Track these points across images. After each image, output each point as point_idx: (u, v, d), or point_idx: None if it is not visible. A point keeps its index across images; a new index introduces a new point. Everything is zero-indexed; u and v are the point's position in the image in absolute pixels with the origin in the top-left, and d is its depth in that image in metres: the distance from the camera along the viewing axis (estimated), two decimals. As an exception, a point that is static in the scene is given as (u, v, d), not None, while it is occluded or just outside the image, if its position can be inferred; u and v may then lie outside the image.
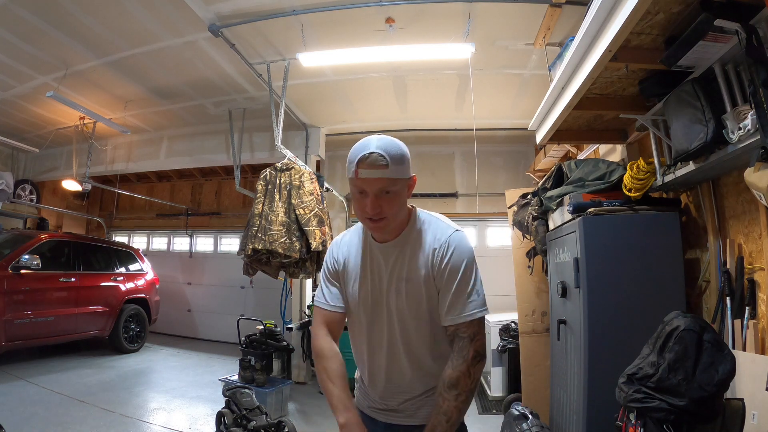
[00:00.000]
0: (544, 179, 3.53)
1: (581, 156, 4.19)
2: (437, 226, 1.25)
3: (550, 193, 3.12)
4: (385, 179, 1.13)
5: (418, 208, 1.30)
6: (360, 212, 1.19)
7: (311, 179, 4.28)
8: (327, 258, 1.37)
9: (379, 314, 1.27)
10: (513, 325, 4.34)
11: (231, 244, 7.91)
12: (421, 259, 1.21)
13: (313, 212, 4.10)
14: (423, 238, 1.23)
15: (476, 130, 4.80)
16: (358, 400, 1.42)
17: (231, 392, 3.28)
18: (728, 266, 2.18)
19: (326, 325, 1.32)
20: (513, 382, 4.15)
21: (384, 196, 1.14)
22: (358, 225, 1.35)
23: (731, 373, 1.59)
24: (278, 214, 4.03)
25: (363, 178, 1.13)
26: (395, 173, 1.14)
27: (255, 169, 7.00)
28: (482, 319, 1.19)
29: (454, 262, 1.18)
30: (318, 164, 6.11)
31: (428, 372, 1.27)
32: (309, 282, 5.65)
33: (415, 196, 6.28)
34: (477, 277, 1.20)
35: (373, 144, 1.15)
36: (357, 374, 1.46)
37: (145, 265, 6.85)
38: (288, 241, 3.94)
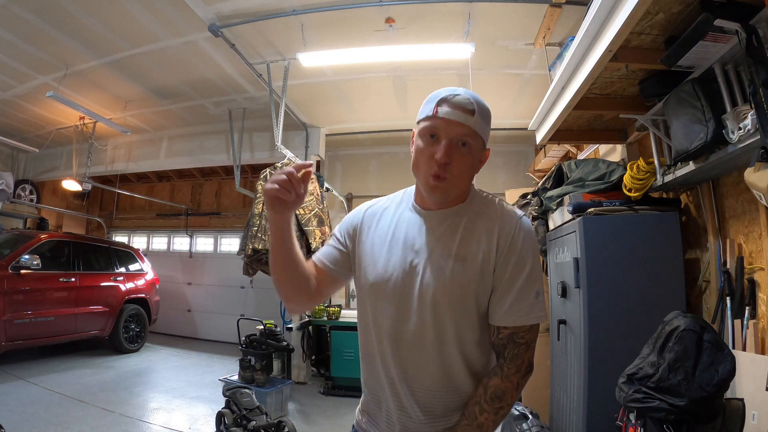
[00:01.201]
0: (544, 179, 3.54)
1: (581, 156, 4.19)
2: (503, 205, 1.04)
3: (550, 193, 3.12)
4: (468, 127, 0.95)
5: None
6: (424, 162, 0.97)
7: (311, 179, 4.28)
8: (346, 218, 1.14)
9: (405, 300, 0.99)
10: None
11: (231, 244, 7.91)
12: (481, 237, 0.98)
13: (313, 212, 4.11)
14: (487, 214, 1.01)
15: (476, 130, 4.79)
16: (359, 422, 1.11)
17: (231, 392, 3.28)
18: (728, 266, 2.18)
19: (316, 274, 1.10)
20: (513, 382, 4.15)
21: (459, 148, 0.95)
22: (396, 193, 1.14)
23: (731, 373, 1.59)
24: (278, 214, 4.03)
25: (443, 117, 0.94)
26: (479, 126, 0.97)
27: (255, 169, 7.00)
28: (539, 327, 1.00)
29: (525, 250, 0.97)
30: (318, 164, 6.11)
31: (460, 392, 0.99)
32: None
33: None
34: (542, 276, 1.05)
35: (462, 89, 0.98)
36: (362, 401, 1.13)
37: (145, 265, 6.84)
38: (288, 241, 3.94)
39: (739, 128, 1.71)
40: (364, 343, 1.07)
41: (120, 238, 8.51)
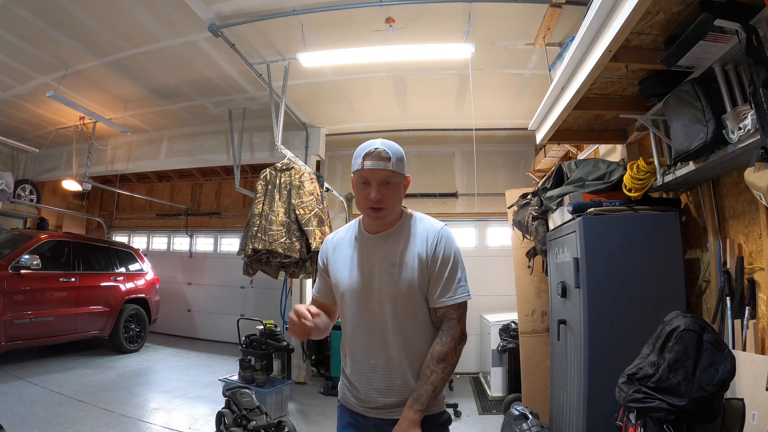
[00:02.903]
0: (544, 179, 3.54)
1: (581, 156, 4.19)
2: (428, 220, 1.41)
3: (550, 193, 3.12)
4: (388, 171, 1.29)
5: (408, 208, 1.45)
6: (363, 202, 1.33)
7: (311, 179, 4.28)
8: (319, 253, 1.53)
9: (369, 298, 1.36)
10: (513, 325, 4.34)
11: (231, 244, 7.91)
12: (414, 247, 1.35)
13: (313, 212, 4.10)
14: (415, 229, 1.38)
15: (476, 130, 4.80)
16: (344, 398, 1.47)
17: (231, 392, 3.28)
18: (728, 266, 2.18)
19: (315, 304, 1.53)
20: (513, 382, 4.15)
21: (386, 186, 1.30)
22: (350, 223, 1.51)
23: (731, 373, 1.59)
24: (278, 214, 4.03)
25: (369, 168, 1.29)
26: (396, 167, 1.30)
27: (255, 169, 7.00)
28: (466, 304, 1.36)
29: (447, 250, 1.34)
30: (318, 164, 6.11)
31: (419, 355, 1.34)
32: (309, 282, 5.65)
33: (415, 196, 6.31)
34: (464, 267, 1.38)
35: (377, 142, 1.32)
36: (342, 371, 1.50)
37: (145, 265, 6.85)
38: (288, 241, 3.94)
39: (739, 128, 1.71)
40: (344, 335, 1.46)
41: (120, 238, 8.51)
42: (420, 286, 1.33)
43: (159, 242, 8.60)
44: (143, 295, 6.50)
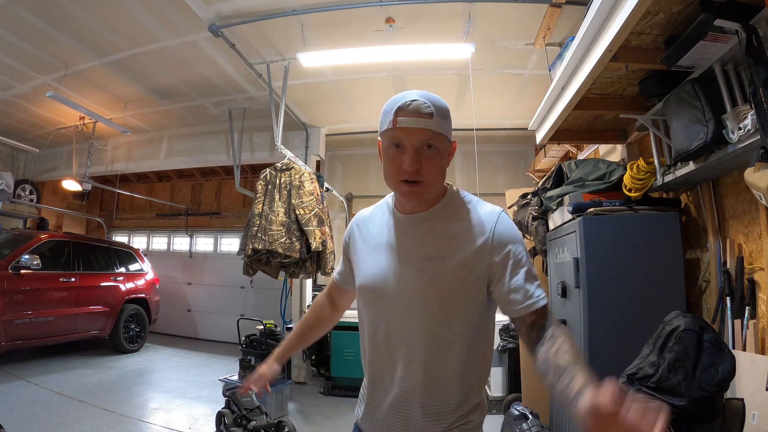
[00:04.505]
0: (544, 179, 3.54)
1: (581, 156, 4.19)
2: (479, 203, 1.07)
3: (550, 193, 3.12)
4: (429, 131, 0.96)
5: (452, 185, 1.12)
6: (393, 172, 1.00)
7: (311, 179, 4.28)
8: (346, 231, 1.24)
9: (389, 299, 1.03)
10: (513, 325, 4.33)
11: (231, 244, 7.91)
12: (460, 236, 1.00)
13: (313, 212, 4.10)
14: (464, 212, 1.04)
15: (476, 130, 4.80)
16: (360, 420, 1.14)
17: (231, 392, 3.28)
18: (728, 266, 2.18)
19: (330, 291, 1.38)
20: (513, 382, 4.15)
21: (425, 151, 0.97)
22: (384, 199, 1.17)
23: (731, 373, 1.59)
24: (278, 214, 4.03)
25: (404, 126, 0.95)
26: (440, 126, 0.97)
27: (255, 169, 7.00)
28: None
29: (515, 242, 1.00)
30: (318, 164, 6.11)
31: (444, 381, 1.00)
32: (309, 282, 5.65)
33: (415, 196, 6.33)
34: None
35: (415, 93, 0.99)
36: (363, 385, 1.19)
37: (145, 265, 6.85)
38: (288, 241, 3.94)
39: (739, 128, 1.71)
40: (361, 340, 1.14)
41: (120, 238, 8.51)
42: (469, 288, 0.99)
43: (159, 242, 8.60)
44: (143, 295, 6.50)
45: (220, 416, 3.24)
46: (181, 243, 8.37)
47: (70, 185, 6.33)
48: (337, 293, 1.35)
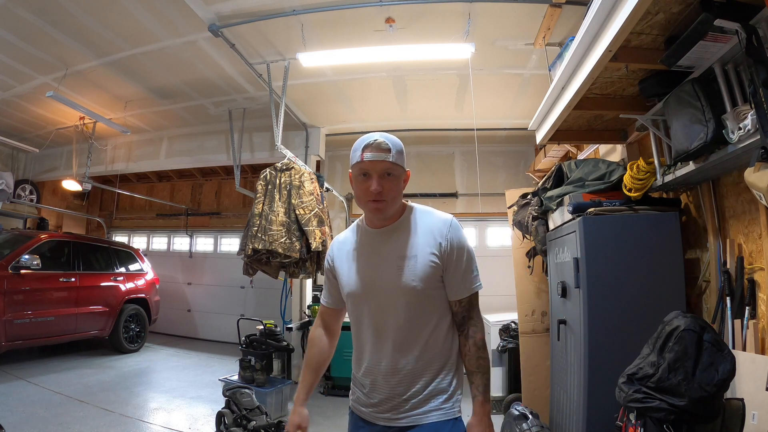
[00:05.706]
0: (544, 179, 3.53)
1: (581, 156, 4.19)
2: (434, 213, 1.39)
3: (550, 193, 3.12)
4: (388, 162, 1.27)
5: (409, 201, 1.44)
6: (363, 195, 1.30)
7: (311, 179, 4.28)
8: (325, 257, 1.51)
9: (379, 294, 1.32)
10: (513, 325, 4.33)
11: (231, 244, 7.91)
12: (424, 239, 1.32)
13: (313, 212, 4.10)
14: (422, 221, 1.36)
15: (476, 130, 4.81)
16: (355, 404, 1.48)
17: (231, 392, 3.28)
18: (728, 266, 2.18)
19: (322, 317, 1.57)
20: (513, 382, 4.15)
21: (386, 177, 1.27)
22: (352, 225, 1.48)
23: (731, 373, 1.59)
24: (278, 214, 4.03)
25: (369, 159, 1.26)
26: (396, 159, 1.28)
27: (255, 169, 7.00)
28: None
29: (461, 241, 1.33)
30: (318, 164, 6.11)
31: (433, 353, 1.31)
32: (309, 282, 5.65)
33: (415, 196, 6.32)
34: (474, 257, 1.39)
35: (376, 134, 1.31)
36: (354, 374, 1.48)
37: (145, 265, 6.85)
38: (288, 241, 3.94)
39: (739, 128, 1.71)
40: (354, 338, 1.46)
41: (120, 238, 8.51)
42: (435, 277, 1.30)
43: (159, 242, 8.60)
44: (143, 295, 6.50)
45: (220, 416, 3.24)
46: (181, 243, 8.37)
47: (70, 185, 6.33)
48: (329, 316, 1.55)
